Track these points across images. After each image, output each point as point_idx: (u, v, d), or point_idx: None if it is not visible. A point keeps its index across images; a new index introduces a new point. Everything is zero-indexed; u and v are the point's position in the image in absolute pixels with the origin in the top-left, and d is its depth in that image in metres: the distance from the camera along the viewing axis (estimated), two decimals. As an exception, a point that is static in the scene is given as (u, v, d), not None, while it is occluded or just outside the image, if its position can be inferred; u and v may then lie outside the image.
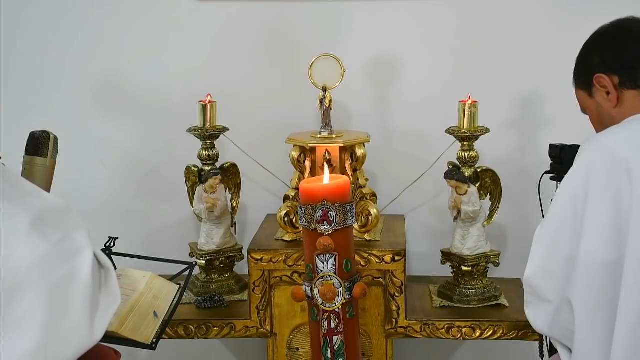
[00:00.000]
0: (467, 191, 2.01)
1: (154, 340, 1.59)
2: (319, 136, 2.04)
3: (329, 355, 1.70)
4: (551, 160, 2.03)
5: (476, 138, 2.02)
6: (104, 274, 1.33)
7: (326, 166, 1.81)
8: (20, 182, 1.31)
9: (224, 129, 2.13)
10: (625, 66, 1.59)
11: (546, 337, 1.82)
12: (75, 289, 1.22)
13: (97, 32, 2.38)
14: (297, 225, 2.00)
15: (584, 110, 1.73)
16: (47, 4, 2.37)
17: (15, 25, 2.38)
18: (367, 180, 2.09)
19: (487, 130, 2.03)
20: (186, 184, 2.22)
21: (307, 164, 2.04)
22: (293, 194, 2.04)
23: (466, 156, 2.03)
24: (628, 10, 1.67)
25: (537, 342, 2.01)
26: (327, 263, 1.66)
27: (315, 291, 1.68)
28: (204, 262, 2.14)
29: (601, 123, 1.67)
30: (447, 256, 2.10)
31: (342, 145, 2.01)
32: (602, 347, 1.46)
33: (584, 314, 1.48)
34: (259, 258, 1.97)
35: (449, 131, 2.05)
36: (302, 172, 2.06)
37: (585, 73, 1.67)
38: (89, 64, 2.39)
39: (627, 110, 1.59)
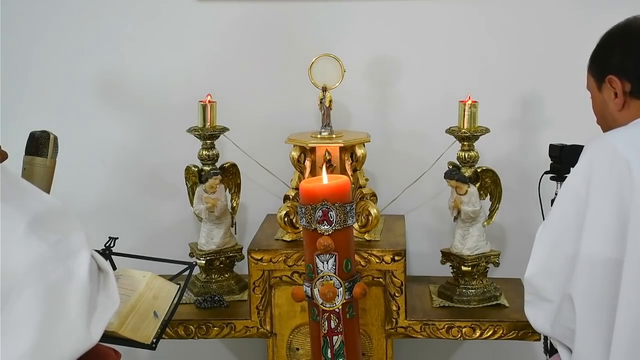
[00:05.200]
0: (467, 191, 2.01)
1: (154, 340, 1.59)
2: (319, 136, 2.04)
3: (329, 355, 1.70)
4: (551, 160, 2.03)
5: (476, 138, 2.02)
6: (102, 277, 1.33)
7: (324, 167, 1.81)
8: (20, 184, 1.31)
9: (224, 129, 2.13)
10: None
11: (546, 337, 1.82)
12: (72, 290, 1.22)
13: (97, 32, 2.38)
14: (297, 225, 2.00)
15: (588, 89, 1.72)
16: (47, 4, 2.37)
17: (15, 25, 2.37)
18: (367, 180, 2.09)
19: (487, 130, 2.03)
20: (186, 184, 2.22)
21: (307, 164, 2.04)
22: (293, 194, 2.04)
23: (466, 156, 2.03)
24: (629, 11, 1.66)
25: (537, 342, 2.01)
26: (327, 263, 1.66)
27: (315, 291, 1.67)
28: (204, 262, 2.14)
29: (602, 117, 1.68)
30: (447, 256, 2.10)
31: (342, 145, 2.01)
32: (603, 345, 1.45)
33: (585, 312, 1.48)
34: (259, 258, 1.97)
35: (449, 131, 2.05)
36: (302, 172, 2.06)
37: (600, 67, 1.65)
38: (89, 64, 2.39)
39: (631, 116, 1.59)
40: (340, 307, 1.68)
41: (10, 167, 1.36)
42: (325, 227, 1.64)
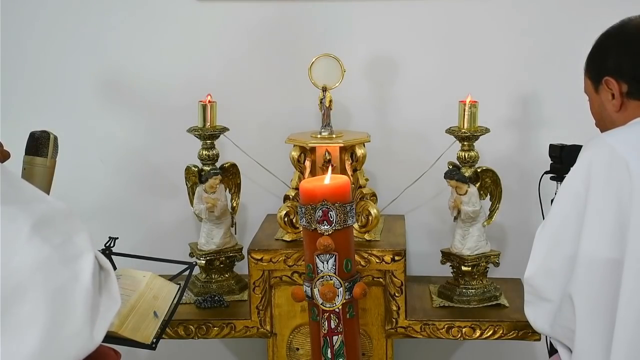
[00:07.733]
0: (467, 191, 2.01)
1: (154, 340, 1.59)
2: (319, 136, 2.04)
3: (329, 355, 1.70)
4: (551, 160, 2.03)
5: (476, 138, 2.02)
6: (103, 276, 1.33)
7: (330, 168, 1.81)
8: (23, 185, 1.31)
9: (224, 129, 2.13)
10: (638, 78, 1.58)
11: (547, 336, 1.82)
12: (76, 292, 1.22)
13: (97, 32, 2.38)
14: (297, 225, 2.00)
15: (586, 92, 1.72)
16: (48, 4, 2.37)
17: (15, 25, 2.38)
18: (367, 180, 2.09)
19: (487, 130, 2.03)
20: (186, 184, 2.22)
21: (307, 164, 2.04)
22: (293, 194, 2.04)
23: (466, 156, 2.03)
24: (630, 11, 1.66)
25: (537, 342, 2.01)
26: (327, 263, 1.66)
27: (315, 291, 1.67)
28: (204, 262, 2.14)
29: (601, 119, 1.68)
30: (447, 256, 2.10)
31: (342, 145, 2.01)
32: (603, 346, 1.45)
33: (585, 312, 1.48)
34: (259, 258, 1.97)
35: (449, 131, 2.05)
36: (302, 172, 2.06)
37: (597, 69, 1.65)
38: (89, 64, 2.39)
39: (629, 117, 1.59)
40: (340, 307, 1.68)
41: (10, 167, 1.36)
42: (325, 227, 1.64)
